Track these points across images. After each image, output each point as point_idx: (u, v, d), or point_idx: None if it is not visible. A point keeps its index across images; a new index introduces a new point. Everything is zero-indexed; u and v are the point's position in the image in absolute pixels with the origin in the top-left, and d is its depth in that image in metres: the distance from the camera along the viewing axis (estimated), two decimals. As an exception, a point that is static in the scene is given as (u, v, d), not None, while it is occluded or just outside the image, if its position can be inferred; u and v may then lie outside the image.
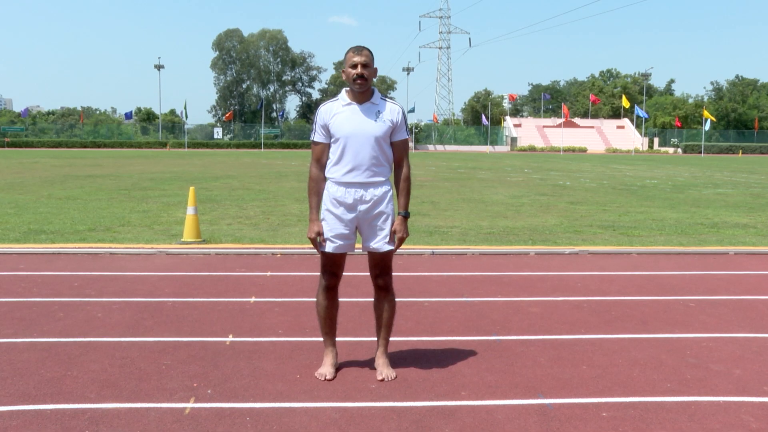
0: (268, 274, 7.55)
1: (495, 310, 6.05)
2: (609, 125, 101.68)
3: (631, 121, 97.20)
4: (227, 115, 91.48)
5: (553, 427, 3.61)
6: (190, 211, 9.45)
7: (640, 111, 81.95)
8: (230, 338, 5.13)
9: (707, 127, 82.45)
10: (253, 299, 6.37)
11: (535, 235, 10.65)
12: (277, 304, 6.20)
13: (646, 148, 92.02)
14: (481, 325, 5.55)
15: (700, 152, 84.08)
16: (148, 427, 3.57)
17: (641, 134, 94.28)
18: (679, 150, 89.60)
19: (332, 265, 4.31)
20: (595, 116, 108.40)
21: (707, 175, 30.93)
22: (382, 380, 4.27)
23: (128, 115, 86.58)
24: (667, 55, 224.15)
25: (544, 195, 18.34)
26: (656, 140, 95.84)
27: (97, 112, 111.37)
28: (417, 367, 4.53)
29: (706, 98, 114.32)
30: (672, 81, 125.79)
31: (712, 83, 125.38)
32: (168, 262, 8.16)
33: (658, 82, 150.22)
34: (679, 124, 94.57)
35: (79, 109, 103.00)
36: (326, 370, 4.34)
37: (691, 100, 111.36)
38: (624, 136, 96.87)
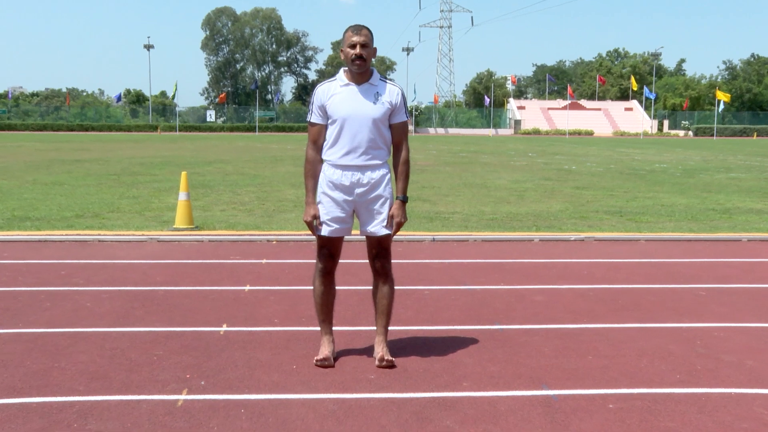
0: (263, 261, 7.56)
1: (497, 299, 6.06)
2: (617, 107, 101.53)
3: (640, 102, 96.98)
4: (220, 97, 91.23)
5: (558, 419, 3.62)
6: (182, 196, 9.44)
7: (648, 92, 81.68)
8: (224, 328, 5.14)
9: (720, 108, 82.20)
10: (247, 287, 6.37)
11: (539, 221, 10.65)
12: (272, 293, 6.21)
13: (655, 131, 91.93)
14: (484, 314, 5.56)
15: (713, 135, 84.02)
16: (139, 419, 3.58)
17: (650, 116, 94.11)
18: (690, 133, 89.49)
19: (329, 249, 4.33)
20: (602, 98, 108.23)
21: (720, 158, 30.93)
22: (383, 366, 4.29)
23: (117, 98, 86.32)
24: (677, 34, 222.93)
25: (548, 180, 18.34)
26: (666, 123, 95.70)
27: (84, 93, 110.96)
28: (417, 356, 4.54)
29: (719, 78, 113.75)
30: (683, 61, 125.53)
31: (725, 62, 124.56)
32: (159, 250, 8.16)
33: (668, 62, 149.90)
34: (687, 106, 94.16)
35: (65, 90, 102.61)
36: (324, 355, 4.35)
37: (704, 81, 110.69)
38: (632, 118, 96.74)
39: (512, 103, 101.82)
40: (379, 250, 4.36)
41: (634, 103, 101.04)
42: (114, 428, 3.47)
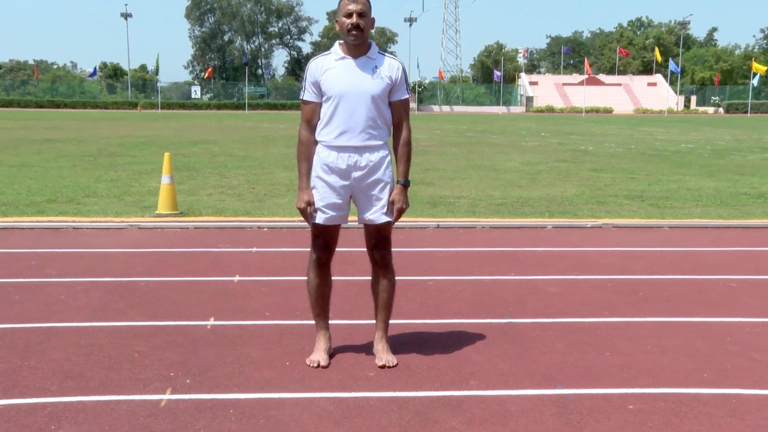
0: (254, 250, 7.57)
1: (507, 290, 6.07)
2: (639, 82, 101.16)
3: (665, 77, 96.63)
4: (206, 71, 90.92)
5: (573, 421, 3.64)
6: (165, 180, 9.45)
7: (674, 65, 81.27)
8: (211, 322, 5.15)
9: (755, 82, 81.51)
10: (237, 278, 6.39)
11: (552, 206, 10.66)
12: (263, 284, 6.22)
13: (681, 107, 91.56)
14: (492, 307, 5.58)
15: (746, 112, 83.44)
16: (119, 421, 3.59)
17: (676, 92, 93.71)
18: (721, 110, 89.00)
19: (324, 238, 4.33)
20: (622, 72, 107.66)
21: (754, 137, 30.87)
22: (382, 367, 4.30)
23: (92, 72, 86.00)
24: (708, 0, 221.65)
25: (563, 161, 18.33)
26: (693, 99, 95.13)
27: (54, 66, 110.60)
28: (420, 353, 4.55)
29: (756, 49, 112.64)
30: (714, 30, 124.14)
31: (762, 31, 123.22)
32: (140, 238, 8.17)
33: (697, 31, 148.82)
34: (718, 80, 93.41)
35: (32, 62, 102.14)
36: (319, 356, 4.37)
37: (738, 52, 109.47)
38: (656, 94, 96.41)
39: (524, 79, 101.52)
40: (379, 239, 4.36)
41: (658, 78, 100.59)
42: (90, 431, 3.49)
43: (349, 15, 4.10)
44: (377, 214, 4.26)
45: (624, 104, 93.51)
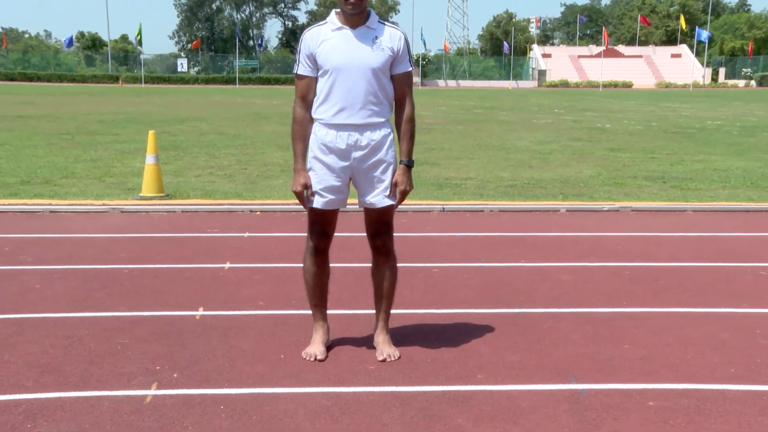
0: (246, 234, 7.58)
1: (517, 278, 6.08)
2: (662, 54, 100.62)
3: (691, 48, 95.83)
4: (194, 43, 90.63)
5: (588, 418, 3.65)
6: (149, 159, 9.44)
7: (701, 33, 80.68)
8: (200, 312, 5.17)
9: None
10: (227, 265, 6.40)
11: (566, 188, 10.65)
12: (256, 271, 6.23)
13: (708, 81, 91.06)
14: (501, 296, 5.59)
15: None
16: (100, 419, 3.60)
17: (703, 64, 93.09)
18: (753, 83, 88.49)
19: (322, 224, 4.32)
20: (644, 43, 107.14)
21: (787, 114, 30.74)
22: (383, 360, 4.32)
23: (68, 42, 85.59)
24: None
25: (578, 140, 18.30)
26: (722, 71, 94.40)
27: (26, 35, 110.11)
28: (424, 345, 4.57)
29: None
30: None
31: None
32: (123, 222, 8.18)
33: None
34: (751, 50, 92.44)
35: (0, 30, 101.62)
36: (316, 348, 4.38)
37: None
38: (681, 66, 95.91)
39: (536, 51, 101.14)
40: (380, 224, 4.35)
41: (683, 48, 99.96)
42: (69, 430, 3.49)
43: (347, -19, 4.08)
44: (379, 197, 4.26)
45: (645, 78, 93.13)
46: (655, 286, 5.88)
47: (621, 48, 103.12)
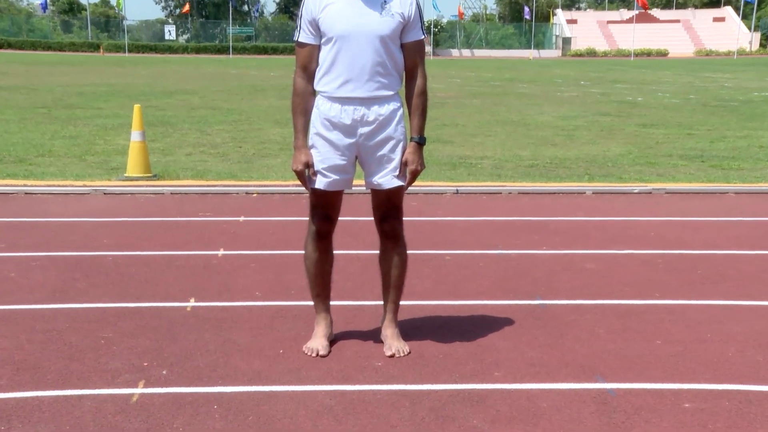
0: (241, 219, 7.59)
1: (538, 266, 6.08)
2: (702, 17, 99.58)
3: (736, 10, 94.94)
4: (183, 8, 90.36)
5: (617, 421, 3.65)
6: (135, 136, 9.45)
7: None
8: (192, 303, 5.18)
9: None
10: (221, 252, 6.41)
11: (593, 167, 10.63)
12: (253, 258, 6.25)
13: (756, 47, 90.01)
14: (520, 286, 5.59)
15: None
16: (82, 420, 3.61)
17: (749, 28, 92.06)
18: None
19: (325, 206, 4.32)
20: (682, 5, 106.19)
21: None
22: (391, 356, 4.33)
23: (42, 5, 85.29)
24: None
25: (606, 115, 18.25)
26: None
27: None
28: (436, 339, 4.58)
29: None
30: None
31: None
32: (106, 205, 8.20)
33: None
34: None
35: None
36: (318, 343, 4.39)
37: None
38: (724, 31, 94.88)
39: (560, 16, 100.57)
40: (389, 207, 4.35)
41: (726, 11, 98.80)
42: None
43: (353, -61, 4.07)
44: (388, 178, 4.25)
45: (683, 45, 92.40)
46: (692, 276, 5.87)
47: (655, 12, 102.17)
